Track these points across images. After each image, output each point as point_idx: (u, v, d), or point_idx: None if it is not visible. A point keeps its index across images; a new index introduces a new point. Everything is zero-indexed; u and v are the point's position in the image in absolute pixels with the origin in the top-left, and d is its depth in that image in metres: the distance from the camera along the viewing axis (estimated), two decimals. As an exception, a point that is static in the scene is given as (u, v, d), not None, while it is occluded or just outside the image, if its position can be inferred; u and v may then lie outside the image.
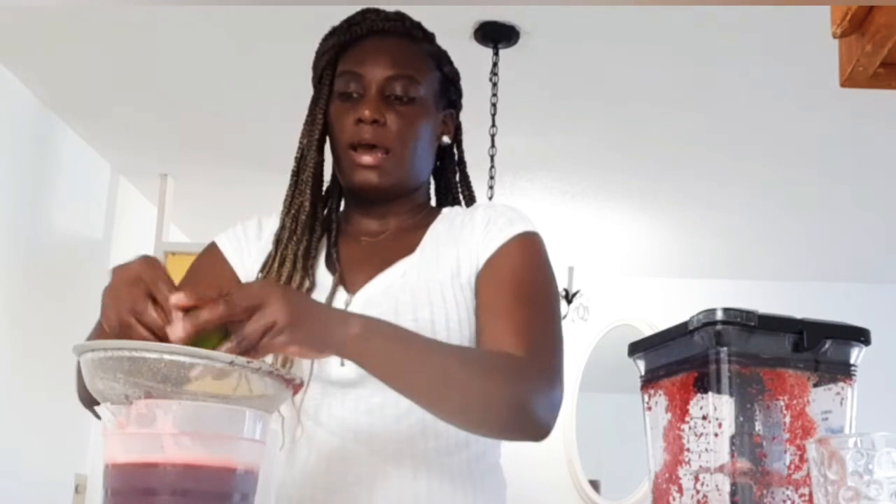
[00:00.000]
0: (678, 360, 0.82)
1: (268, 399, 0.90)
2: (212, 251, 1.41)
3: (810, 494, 0.74)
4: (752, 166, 4.12)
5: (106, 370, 0.87)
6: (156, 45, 3.27)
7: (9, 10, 3.01)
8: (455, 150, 1.45)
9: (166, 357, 0.86)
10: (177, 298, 0.96)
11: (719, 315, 0.78)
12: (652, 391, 0.85)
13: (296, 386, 0.93)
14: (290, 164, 1.41)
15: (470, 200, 1.45)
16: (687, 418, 0.80)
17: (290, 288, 1.11)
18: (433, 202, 1.46)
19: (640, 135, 3.81)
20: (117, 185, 4.43)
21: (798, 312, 0.82)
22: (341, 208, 1.44)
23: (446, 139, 1.42)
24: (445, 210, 1.41)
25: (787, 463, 0.77)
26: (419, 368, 1.11)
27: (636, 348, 0.88)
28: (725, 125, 3.74)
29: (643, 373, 0.87)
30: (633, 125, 3.73)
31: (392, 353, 1.09)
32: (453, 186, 1.45)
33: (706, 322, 0.78)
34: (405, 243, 1.36)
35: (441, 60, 1.40)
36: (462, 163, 1.46)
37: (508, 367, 1.18)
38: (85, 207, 4.18)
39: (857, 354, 0.82)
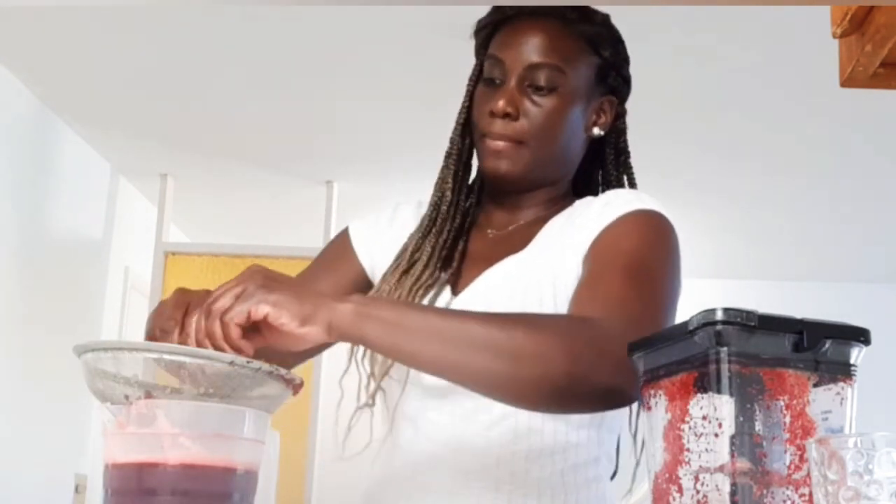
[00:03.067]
0: (678, 360, 0.82)
1: (268, 399, 0.90)
2: (342, 239, 1.38)
3: (810, 494, 0.74)
4: (752, 167, 4.12)
5: (107, 370, 0.87)
6: (156, 45, 3.27)
7: (9, 10, 3.01)
8: (616, 141, 1.34)
9: (166, 357, 0.86)
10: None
11: (719, 315, 0.77)
12: (652, 391, 0.85)
13: (296, 386, 0.93)
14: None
15: None
16: (687, 418, 0.80)
17: (271, 271, 0.99)
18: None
19: (641, 135, 3.80)
20: (117, 185, 4.44)
21: (798, 312, 0.82)
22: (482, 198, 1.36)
23: (597, 130, 1.30)
24: (577, 202, 1.29)
25: (787, 463, 0.77)
26: (432, 332, 0.96)
27: (636, 348, 0.88)
28: (728, 125, 3.74)
29: (643, 373, 0.87)
30: (634, 125, 3.73)
31: (399, 322, 0.96)
32: (612, 180, 1.33)
33: (706, 322, 0.78)
34: (523, 238, 1.27)
35: (600, 44, 1.28)
36: (622, 153, 1.34)
37: (561, 324, 1.03)
38: (85, 207, 4.18)
39: (857, 354, 0.82)
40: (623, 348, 0.94)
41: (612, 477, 1.27)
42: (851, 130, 3.72)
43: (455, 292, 1.26)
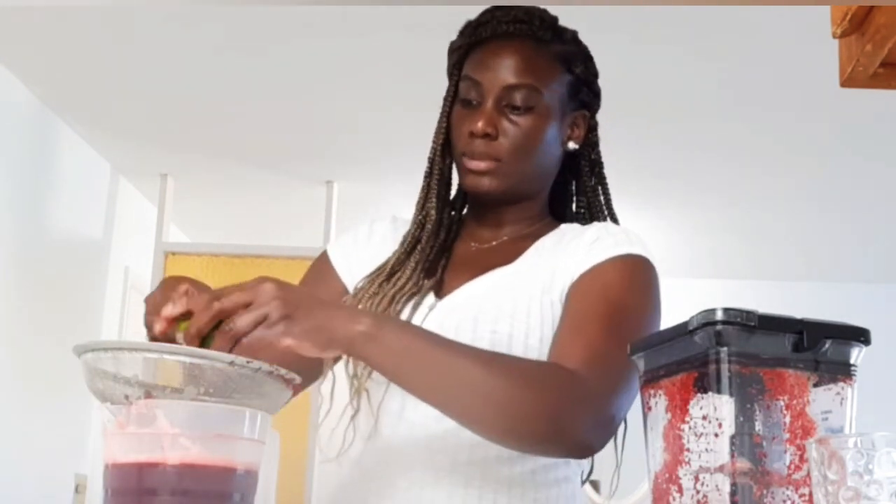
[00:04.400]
0: (678, 360, 0.82)
1: (268, 399, 0.90)
2: (322, 261, 1.41)
3: (810, 494, 0.74)
4: (751, 167, 4.12)
5: (107, 370, 0.87)
6: (156, 46, 3.27)
7: (9, 10, 3.01)
8: (589, 153, 1.38)
9: (166, 357, 0.86)
10: (167, 310, 0.95)
11: (719, 315, 0.77)
12: (652, 391, 0.85)
13: (296, 386, 0.93)
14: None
15: (607, 206, 1.38)
16: (687, 418, 0.80)
17: (288, 283, 1.02)
18: (574, 208, 1.40)
19: (640, 135, 3.81)
20: (117, 185, 4.44)
21: (798, 312, 0.82)
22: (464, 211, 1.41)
23: (572, 144, 1.35)
24: (563, 225, 1.35)
25: (787, 463, 0.77)
26: (434, 369, 1.03)
27: (636, 348, 0.88)
28: (727, 125, 3.74)
29: (643, 373, 0.87)
30: (633, 125, 3.73)
31: (404, 352, 1.02)
32: (588, 191, 1.38)
33: (706, 322, 0.78)
34: (510, 252, 1.31)
35: (572, 61, 1.32)
36: (597, 164, 1.39)
37: (548, 377, 1.10)
38: (85, 207, 4.18)
39: (857, 354, 0.82)
40: (601, 406, 1.09)
41: (584, 481, 1.32)
42: (851, 130, 3.72)
43: (439, 297, 1.29)
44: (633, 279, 1.23)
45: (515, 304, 1.23)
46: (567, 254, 1.27)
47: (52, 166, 3.87)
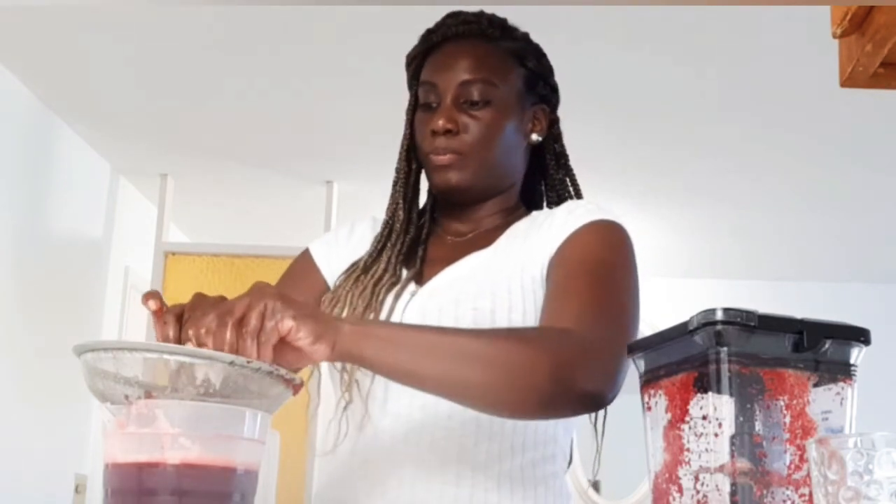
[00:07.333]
0: (678, 360, 0.82)
1: (268, 399, 0.91)
2: (304, 257, 1.43)
3: (810, 494, 0.74)
4: (752, 167, 4.12)
5: (107, 370, 0.87)
6: (156, 46, 3.27)
7: (9, 10, 3.01)
8: (554, 146, 1.41)
9: (166, 357, 0.86)
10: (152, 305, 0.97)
11: (719, 315, 0.78)
12: (652, 391, 0.85)
13: (296, 386, 0.93)
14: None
15: (576, 196, 1.41)
16: (687, 418, 0.80)
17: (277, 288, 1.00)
18: (545, 202, 1.43)
19: (640, 134, 3.81)
20: (117, 185, 4.44)
21: (798, 312, 0.82)
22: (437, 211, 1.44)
23: (536, 137, 1.38)
24: (535, 212, 1.38)
25: (787, 463, 0.77)
26: (426, 349, 1.02)
27: (636, 348, 0.88)
28: (727, 126, 3.74)
29: (643, 373, 0.87)
30: (632, 125, 3.73)
31: (394, 340, 1.01)
32: (556, 183, 1.41)
33: (706, 322, 0.78)
34: (485, 240, 1.35)
35: (524, 57, 1.36)
36: (562, 157, 1.42)
37: (543, 335, 1.11)
38: (85, 207, 4.18)
39: (857, 354, 0.82)
40: (600, 354, 1.07)
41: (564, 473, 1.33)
42: (850, 130, 3.72)
43: (419, 285, 1.31)
44: (610, 239, 1.27)
45: (495, 282, 1.26)
46: (542, 232, 1.30)
47: (52, 166, 3.87)
